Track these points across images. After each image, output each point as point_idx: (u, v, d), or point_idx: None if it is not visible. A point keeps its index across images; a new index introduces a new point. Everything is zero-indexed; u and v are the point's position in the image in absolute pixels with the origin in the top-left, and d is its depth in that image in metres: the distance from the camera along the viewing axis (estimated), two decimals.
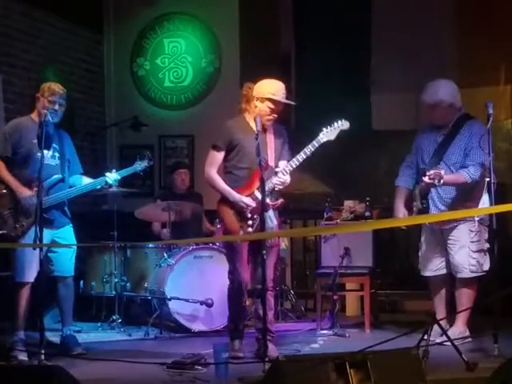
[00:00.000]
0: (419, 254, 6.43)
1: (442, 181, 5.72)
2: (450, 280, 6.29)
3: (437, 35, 8.57)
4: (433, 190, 6.12)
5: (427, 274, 6.36)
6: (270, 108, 5.75)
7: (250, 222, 5.68)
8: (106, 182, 6.01)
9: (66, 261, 5.98)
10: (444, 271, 6.27)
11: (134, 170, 6.19)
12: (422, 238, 6.40)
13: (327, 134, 5.87)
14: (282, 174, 5.68)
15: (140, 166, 6.20)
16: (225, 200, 5.77)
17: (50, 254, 5.92)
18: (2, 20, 7.60)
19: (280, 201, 5.76)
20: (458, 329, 6.07)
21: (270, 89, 5.79)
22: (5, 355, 5.64)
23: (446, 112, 6.10)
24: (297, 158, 5.70)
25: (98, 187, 6.07)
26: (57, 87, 5.94)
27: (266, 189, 5.50)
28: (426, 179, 5.80)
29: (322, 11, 9.17)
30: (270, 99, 5.74)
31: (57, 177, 5.85)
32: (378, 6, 8.99)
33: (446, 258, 6.23)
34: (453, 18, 8.57)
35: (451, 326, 6.11)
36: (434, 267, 6.30)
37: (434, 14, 8.60)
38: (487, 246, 6.08)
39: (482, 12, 8.33)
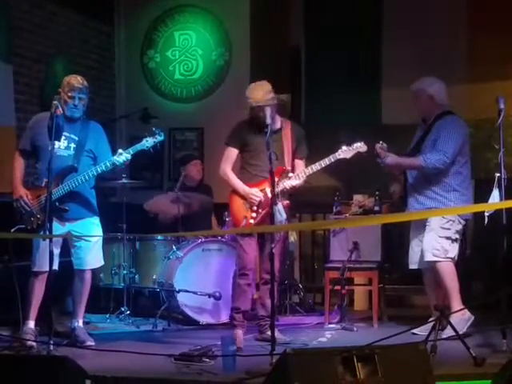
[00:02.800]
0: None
1: (383, 158, 6.17)
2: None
3: (448, 30, 8.55)
4: (409, 179, 6.31)
5: (412, 266, 6.39)
6: (250, 111, 5.93)
7: (253, 215, 5.91)
8: (114, 163, 5.82)
9: (83, 254, 5.99)
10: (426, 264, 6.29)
11: (142, 147, 5.90)
12: (410, 228, 6.46)
13: (345, 153, 6.03)
14: (295, 178, 5.86)
15: (148, 142, 5.90)
16: (236, 191, 6.03)
17: (71, 248, 5.97)
18: (14, 11, 7.60)
19: (286, 202, 5.91)
20: (457, 314, 5.99)
21: (248, 93, 5.97)
22: (14, 345, 5.68)
23: (426, 103, 6.29)
24: (311, 167, 5.93)
25: (107, 170, 5.89)
26: (76, 81, 5.91)
27: (278, 189, 5.72)
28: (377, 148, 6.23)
29: (332, 5, 9.15)
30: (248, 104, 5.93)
31: (66, 166, 5.85)
32: (389, 1, 8.96)
33: None
34: (464, 12, 8.54)
35: None
36: (418, 260, 6.32)
37: (446, 9, 8.57)
38: (456, 236, 6.16)
39: (494, 6, 8.29)
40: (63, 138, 5.87)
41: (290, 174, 5.89)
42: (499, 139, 5.48)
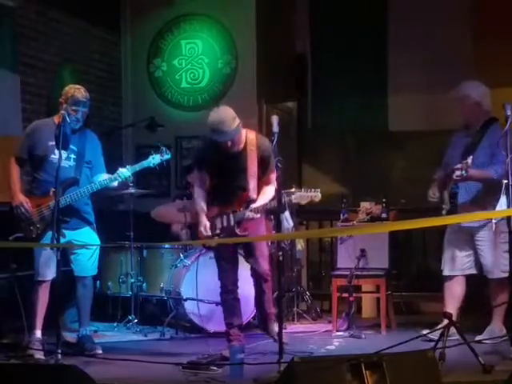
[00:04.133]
0: (444, 253, 6.42)
1: (468, 170, 5.82)
2: (468, 282, 6.31)
3: (454, 36, 8.54)
4: (460, 191, 6.20)
5: (455, 273, 6.34)
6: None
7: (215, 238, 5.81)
8: (118, 179, 5.92)
9: (84, 261, 6.01)
10: (473, 271, 6.31)
11: (148, 165, 6.00)
12: (447, 237, 6.41)
13: (299, 198, 5.72)
14: (254, 212, 5.66)
15: (154, 159, 6.00)
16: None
17: (70, 256, 5.96)
18: (19, 20, 7.61)
19: (247, 233, 5.78)
20: (495, 326, 6.08)
21: (214, 126, 5.62)
22: (21, 354, 5.68)
23: (472, 109, 6.22)
24: (269, 202, 5.68)
25: (111, 185, 5.97)
26: (80, 95, 5.89)
27: (239, 216, 5.68)
28: (456, 173, 5.89)
29: (337, 12, 9.16)
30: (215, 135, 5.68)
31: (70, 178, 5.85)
32: (394, 6, 8.96)
33: (474, 257, 6.27)
34: (470, 19, 8.53)
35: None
36: (462, 266, 6.32)
37: (452, 14, 8.57)
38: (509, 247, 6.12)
39: (500, 12, 8.29)
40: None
41: (252, 206, 5.67)
42: (506, 145, 5.47)
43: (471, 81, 6.35)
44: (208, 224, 5.76)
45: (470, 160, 5.87)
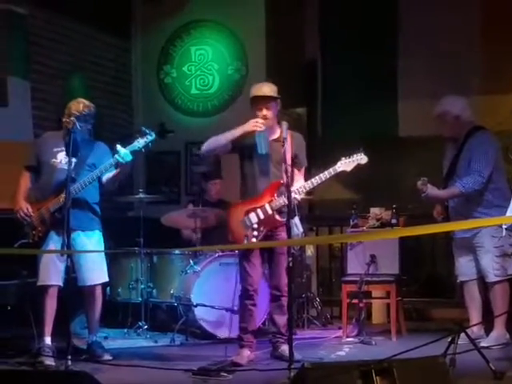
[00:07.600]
0: (455, 259, 6.55)
1: (424, 191, 6.19)
2: (483, 286, 6.36)
3: (464, 42, 8.53)
4: (450, 203, 6.39)
5: (463, 279, 6.46)
6: (256, 109, 5.86)
7: (255, 233, 5.74)
8: (118, 161, 5.78)
9: (85, 270, 5.91)
10: (476, 276, 6.37)
11: (133, 149, 5.84)
12: (453, 245, 6.52)
13: (345, 165, 5.87)
14: (295, 193, 5.66)
15: (139, 143, 5.87)
16: (236, 208, 5.90)
17: (74, 265, 5.90)
18: (30, 28, 7.66)
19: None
20: (498, 332, 6.10)
21: (251, 90, 5.94)
22: (31, 361, 5.68)
23: (452, 124, 6.32)
24: (311, 182, 5.78)
25: (110, 171, 5.88)
26: (75, 109, 5.88)
27: (277, 204, 5.69)
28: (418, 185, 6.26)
29: (347, 18, 9.17)
30: (252, 99, 5.88)
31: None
32: (404, 13, 8.96)
33: (475, 263, 6.36)
34: (480, 25, 8.53)
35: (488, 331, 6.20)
36: (469, 272, 6.40)
37: (461, 21, 8.56)
38: (511, 250, 6.18)
39: (509, 19, 8.28)
40: (64, 153, 5.87)
41: (294, 188, 5.67)
42: None
43: (450, 96, 6.44)
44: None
45: (419, 182, 6.19)
